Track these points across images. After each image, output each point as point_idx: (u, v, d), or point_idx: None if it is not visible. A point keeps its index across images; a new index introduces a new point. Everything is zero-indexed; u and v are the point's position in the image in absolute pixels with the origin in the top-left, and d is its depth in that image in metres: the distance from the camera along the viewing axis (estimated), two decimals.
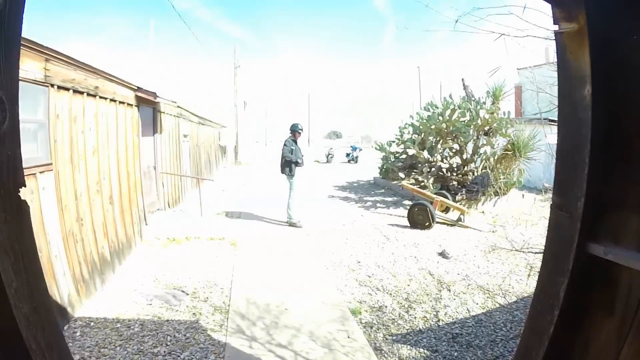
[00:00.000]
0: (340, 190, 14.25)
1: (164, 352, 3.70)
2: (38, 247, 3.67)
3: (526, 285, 5.16)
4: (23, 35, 3.59)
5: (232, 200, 11.57)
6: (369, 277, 5.57)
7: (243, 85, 29.23)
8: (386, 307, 4.63)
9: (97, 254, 5.06)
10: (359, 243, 7.22)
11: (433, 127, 11.04)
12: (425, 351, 3.78)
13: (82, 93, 4.88)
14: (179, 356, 3.64)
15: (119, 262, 5.76)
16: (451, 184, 10.47)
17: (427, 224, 8.04)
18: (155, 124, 8.30)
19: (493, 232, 7.95)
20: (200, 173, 14.30)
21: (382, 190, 13.75)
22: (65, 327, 4.07)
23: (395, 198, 12.02)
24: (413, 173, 11.83)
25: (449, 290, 5.09)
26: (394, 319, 4.34)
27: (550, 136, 12.83)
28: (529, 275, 5.10)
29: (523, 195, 11.50)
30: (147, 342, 3.84)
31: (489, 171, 9.66)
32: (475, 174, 10.39)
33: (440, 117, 10.79)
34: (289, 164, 8.47)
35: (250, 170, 21.76)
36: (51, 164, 4.16)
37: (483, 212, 9.82)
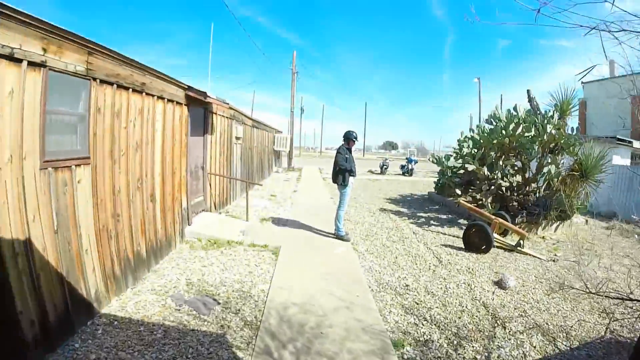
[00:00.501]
0: (392, 204, 13.69)
1: None
2: (67, 241, 3.53)
3: (592, 331, 4.48)
4: (66, 27, 3.46)
5: (280, 207, 11.39)
6: (417, 304, 5.04)
7: (300, 92, 29.50)
8: (433, 341, 4.10)
9: (132, 251, 4.93)
10: (408, 264, 6.68)
11: (495, 141, 10.22)
12: None
13: (127, 89, 4.78)
14: None
15: (155, 261, 5.63)
16: (511, 204, 9.60)
17: (483, 247, 7.35)
18: (207, 124, 8.21)
19: (554, 261, 7.14)
20: (251, 176, 14.27)
21: (437, 207, 13.04)
22: (88, 323, 3.96)
23: (450, 216, 11.31)
24: (470, 190, 11.10)
25: (504, 328, 4.48)
26: (440, 358, 3.82)
27: (615, 157, 11.64)
28: (607, 328, 4.38)
29: (587, 220, 10.47)
30: (167, 352, 3.59)
31: (555, 193, 8.77)
32: (537, 194, 9.53)
33: (504, 131, 9.94)
34: (342, 173, 7.97)
35: (303, 177, 21.62)
36: (89, 157, 4.04)
37: (543, 237, 8.95)
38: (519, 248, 7.58)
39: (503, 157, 10.36)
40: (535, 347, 4.11)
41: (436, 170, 14.43)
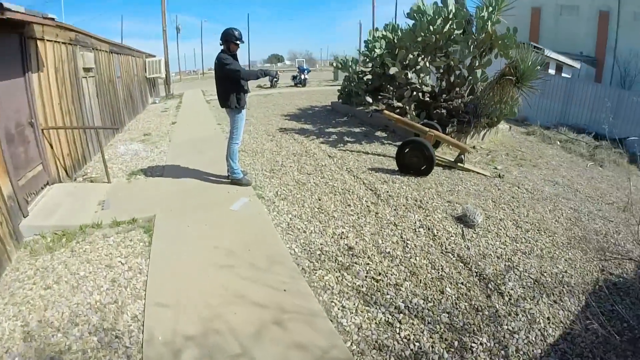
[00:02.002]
0: (293, 120, 11.84)
1: None
2: None
3: (585, 272, 3.66)
4: None
5: (155, 149, 8.80)
6: (376, 280, 3.51)
7: (176, 12, 25.16)
8: (425, 353, 2.67)
9: None
10: (339, 207, 5.11)
11: (419, 39, 8.70)
12: None
13: None
14: None
15: None
16: (435, 111, 8.40)
17: (423, 167, 6.09)
18: (27, 57, 5.40)
19: (500, 177, 6.24)
20: (118, 116, 11.39)
21: (345, 119, 11.53)
22: None
23: (363, 128, 9.91)
24: (380, 97, 9.69)
25: (502, 295, 3.26)
26: None
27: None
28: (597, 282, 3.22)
29: (510, 127, 9.98)
30: None
31: (482, 98, 7.74)
32: (463, 100, 8.43)
33: (431, 27, 8.44)
34: (235, 91, 5.44)
35: (184, 104, 18.56)
36: None
37: (474, 147, 8.06)
38: (459, 164, 6.51)
39: (429, 58, 8.94)
40: (548, 317, 3.02)
41: (330, 78, 12.81)
